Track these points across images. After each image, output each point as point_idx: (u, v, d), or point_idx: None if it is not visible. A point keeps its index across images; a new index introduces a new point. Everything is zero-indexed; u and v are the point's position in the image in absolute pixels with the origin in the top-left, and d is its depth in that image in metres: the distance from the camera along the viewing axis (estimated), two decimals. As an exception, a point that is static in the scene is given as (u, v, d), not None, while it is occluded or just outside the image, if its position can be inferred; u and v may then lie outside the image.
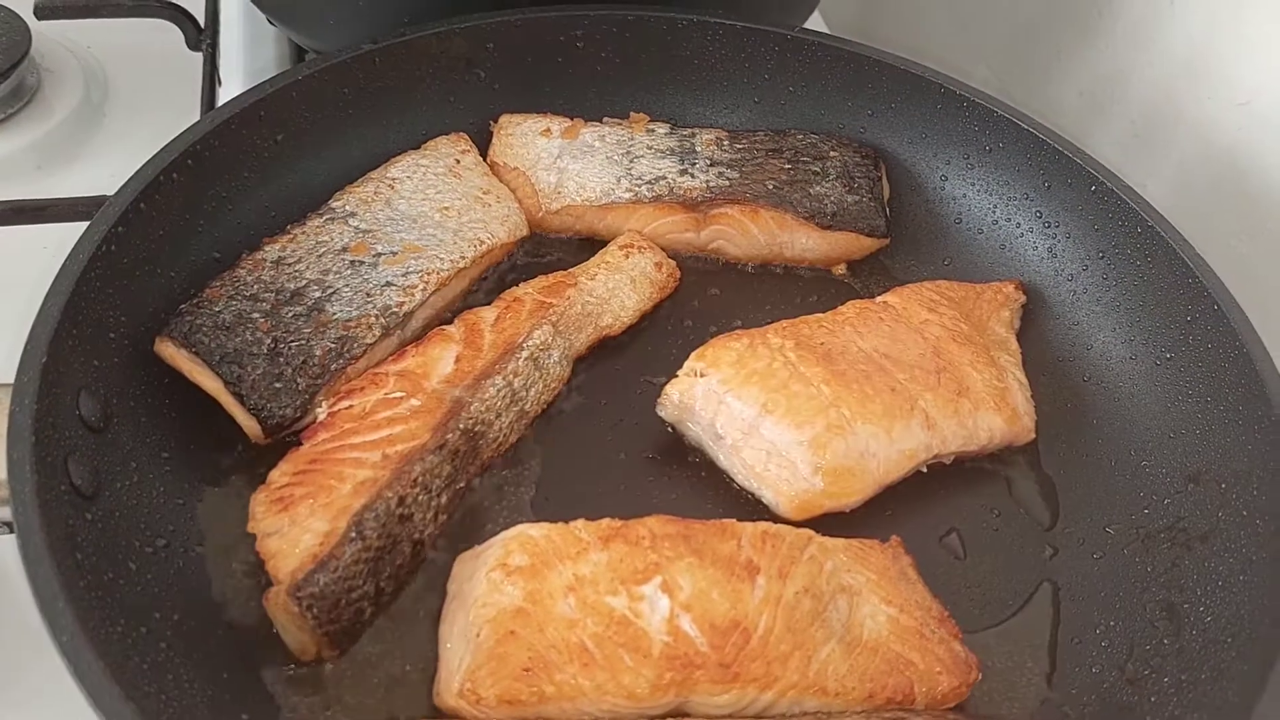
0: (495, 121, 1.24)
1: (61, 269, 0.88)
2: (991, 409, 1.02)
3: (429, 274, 1.05)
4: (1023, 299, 1.16)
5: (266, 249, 1.02)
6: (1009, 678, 0.92)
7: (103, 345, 0.90)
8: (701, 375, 0.99)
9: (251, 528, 0.86)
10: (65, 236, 0.93)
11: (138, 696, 0.70)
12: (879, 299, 1.09)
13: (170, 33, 1.48)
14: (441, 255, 1.07)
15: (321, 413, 0.93)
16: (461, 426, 0.93)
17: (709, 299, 1.18)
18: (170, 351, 0.93)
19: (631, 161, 1.20)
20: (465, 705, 0.79)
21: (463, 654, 0.82)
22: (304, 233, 1.04)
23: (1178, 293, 1.07)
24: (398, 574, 0.88)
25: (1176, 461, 1.02)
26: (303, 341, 0.96)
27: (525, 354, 1.00)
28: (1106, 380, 1.10)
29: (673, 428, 1.03)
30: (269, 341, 0.95)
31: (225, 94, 1.40)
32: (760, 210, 1.16)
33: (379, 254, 1.04)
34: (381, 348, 1.00)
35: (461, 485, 0.94)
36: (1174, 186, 1.39)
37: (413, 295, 1.02)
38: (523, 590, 0.83)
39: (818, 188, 1.18)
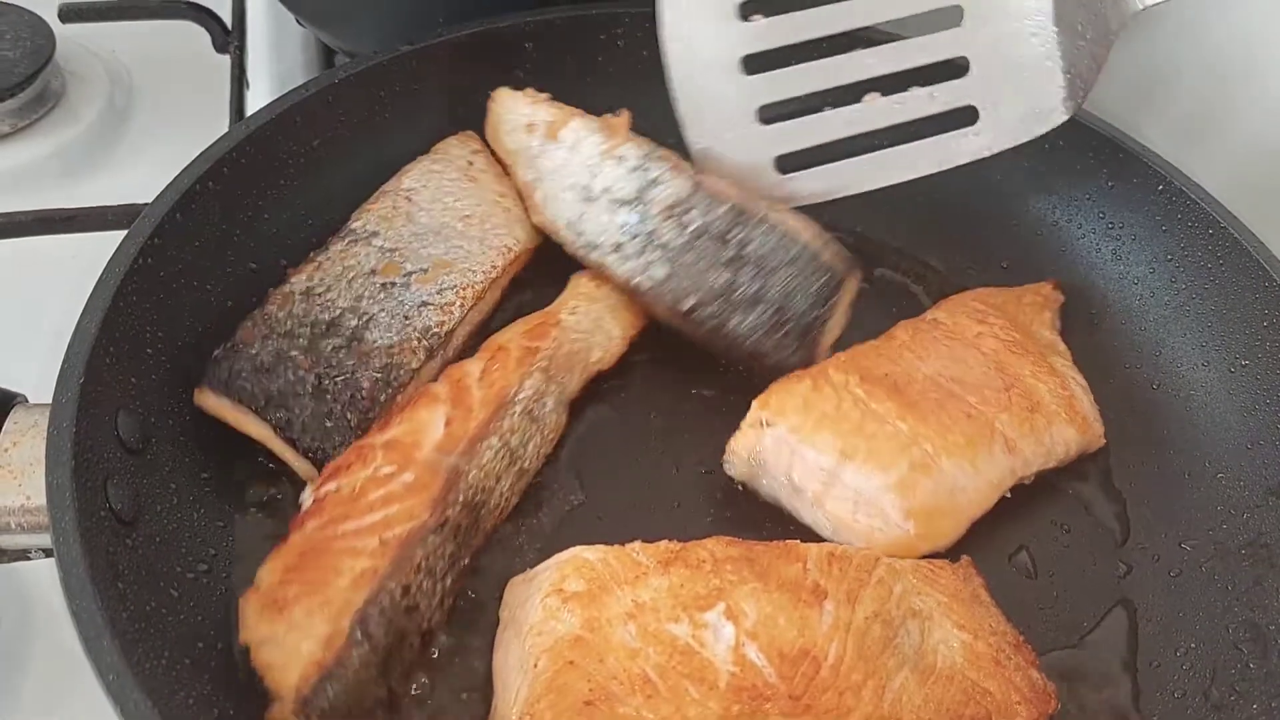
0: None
1: (98, 283, 0.84)
2: (1064, 420, 0.98)
3: (464, 289, 1.00)
4: (1061, 299, 1.12)
5: (293, 281, 0.96)
6: (1086, 702, 0.88)
7: (140, 363, 0.87)
8: (768, 425, 0.92)
9: (243, 638, 0.77)
10: (94, 247, 0.91)
11: (185, 736, 0.67)
12: (927, 316, 1.04)
13: (196, 35, 1.46)
14: (473, 268, 1.02)
15: (306, 498, 0.86)
16: (461, 499, 0.86)
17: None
18: (212, 402, 0.88)
19: (587, 202, 1.03)
20: None
21: (519, 685, 0.78)
22: (328, 259, 0.99)
23: (1252, 296, 1.02)
24: (409, 671, 0.82)
25: (1255, 474, 0.97)
26: (347, 375, 0.91)
27: (519, 408, 0.93)
28: (1177, 389, 1.06)
29: (743, 485, 0.96)
30: (312, 379, 0.90)
31: (253, 97, 1.37)
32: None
33: (409, 273, 1.00)
34: (426, 371, 0.95)
35: (465, 563, 0.87)
36: (1226, 184, 1.34)
37: (452, 313, 0.98)
38: (580, 617, 0.79)
39: (740, 318, 0.97)
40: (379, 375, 0.92)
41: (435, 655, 0.85)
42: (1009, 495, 0.96)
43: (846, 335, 1.03)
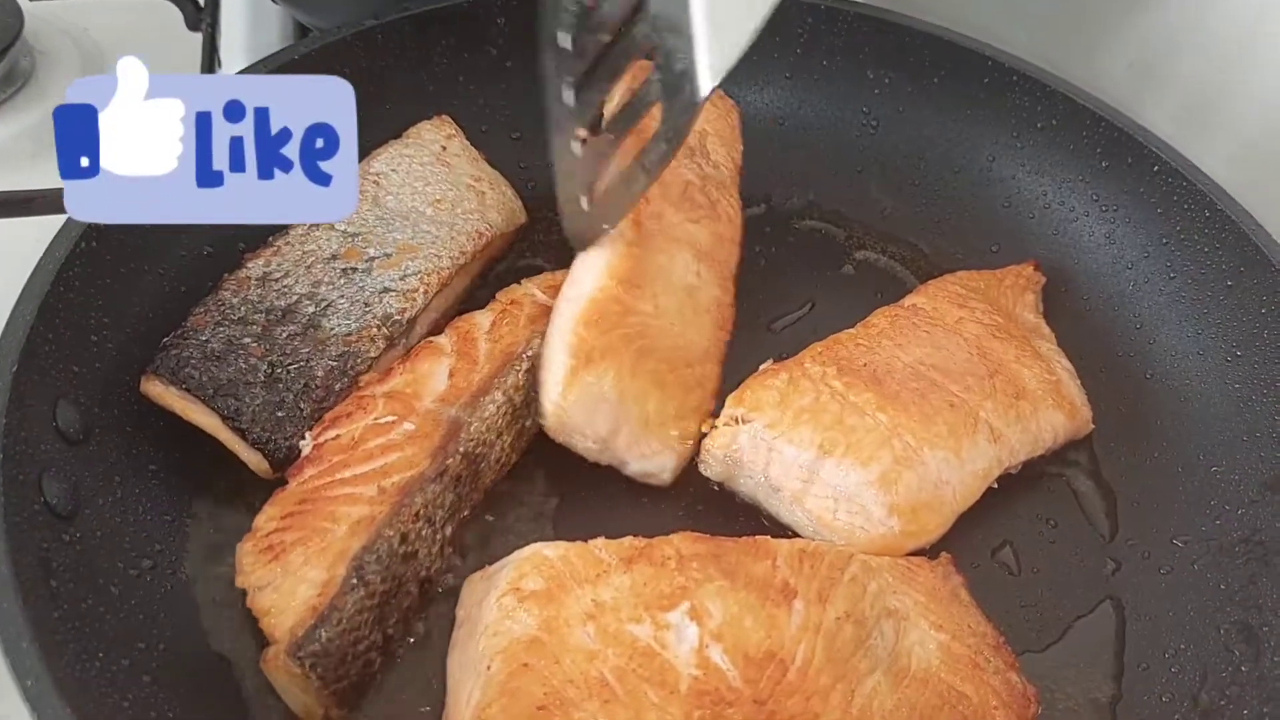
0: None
1: (36, 267, 0.81)
2: (1051, 406, 0.94)
3: (429, 274, 0.96)
4: (1043, 280, 1.08)
5: (249, 265, 0.93)
6: (1068, 705, 0.84)
7: (83, 350, 0.83)
8: (744, 422, 0.89)
9: (240, 582, 0.78)
10: (52, 231, 0.87)
11: (114, 741, 0.63)
12: (906, 302, 1.00)
13: (169, 12, 1.41)
14: (439, 253, 0.99)
15: (306, 445, 0.84)
16: (462, 450, 0.84)
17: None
18: (158, 390, 0.85)
19: None
20: None
21: (472, 688, 0.75)
22: (287, 243, 0.95)
23: (1250, 282, 0.98)
24: (406, 618, 0.80)
25: (1251, 467, 0.93)
26: (302, 363, 0.88)
27: (526, 365, 0.90)
28: (1171, 378, 1.02)
29: (720, 486, 0.93)
30: (265, 367, 0.87)
31: (226, 76, 1.33)
32: None
33: (372, 258, 0.96)
34: (385, 360, 0.92)
35: (465, 514, 0.86)
36: (1228, 165, 1.29)
37: (414, 300, 0.94)
38: (537, 618, 0.75)
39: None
40: (335, 364, 0.89)
41: (433, 604, 0.84)
42: (995, 486, 0.92)
43: (827, 322, 0.99)
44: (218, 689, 0.77)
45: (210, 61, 1.35)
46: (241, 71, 1.03)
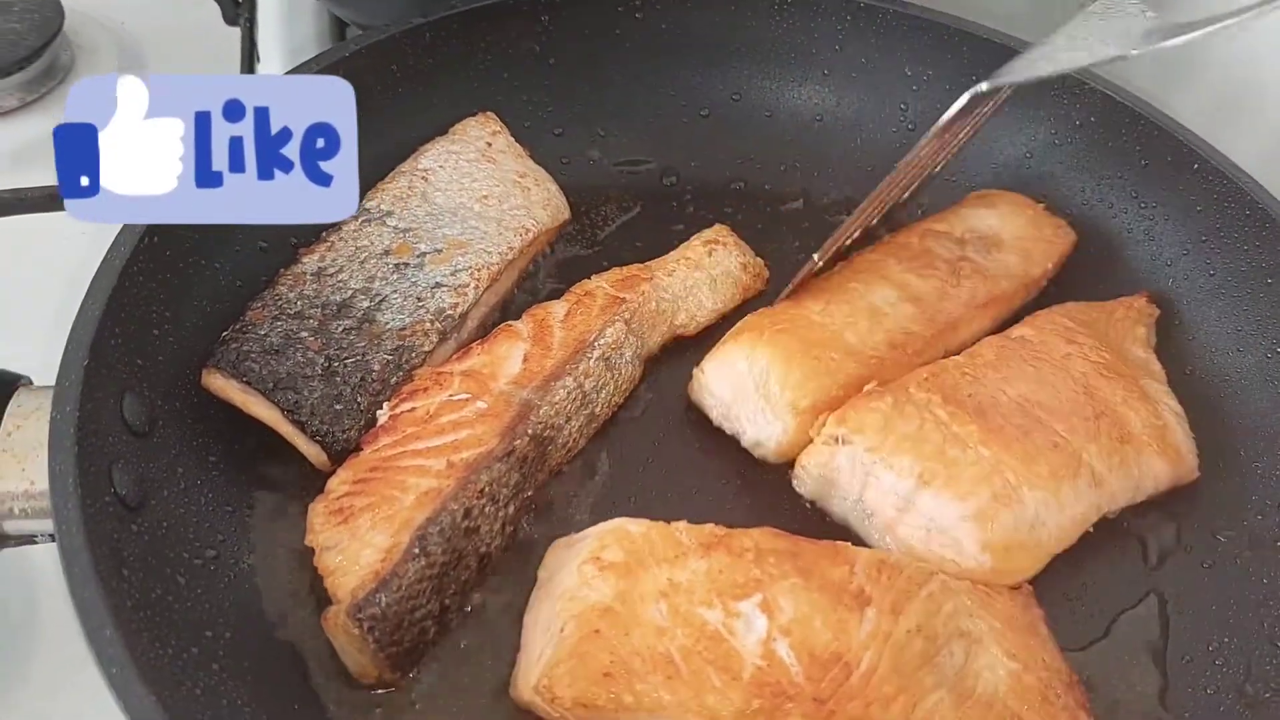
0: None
1: (103, 263, 0.82)
2: (1155, 453, 0.92)
3: (479, 270, 0.98)
4: (1156, 312, 1.06)
5: (305, 261, 0.95)
6: (1112, 697, 0.85)
7: (147, 344, 0.85)
8: (844, 442, 0.88)
9: (309, 541, 0.80)
10: (103, 225, 0.87)
11: (192, 727, 0.65)
12: (1014, 333, 0.99)
13: (207, 7, 1.42)
14: (488, 249, 1.00)
15: (383, 415, 0.87)
16: (530, 432, 0.87)
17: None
18: (219, 383, 0.87)
19: None
20: (540, 702, 0.75)
21: (544, 647, 0.77)
22: (341, 239, 0.97)
23: (1290, 279, 0.99)
24: (463, 590, 0.83)
25: (1293, 463, 0.94)
26: (358, 357, 0.89)
27: (597, 353, 0.93)
28: (1212, 374, 1.03)
29: (812, 504, 0.93)
30: (322, 361, 0.88)
31: (264, 70, 1.34)
32: None
33: (423, 254, 0.97)
34: (439, 354, 0.94)
35: (529, 494, 0.88)
36: (1258, 162, 1.30)
37: (466, 295, 0.96)
38: (613, 588, 0.78)
39: None
40: (390, 357, 0.90)
41: (492, 579, 0.86)
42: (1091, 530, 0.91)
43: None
44: (284, 675, 0.79)
45: (249, 56, 1.36)
46: (291, 71, 1.03)
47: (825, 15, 1.20)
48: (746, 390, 0.93)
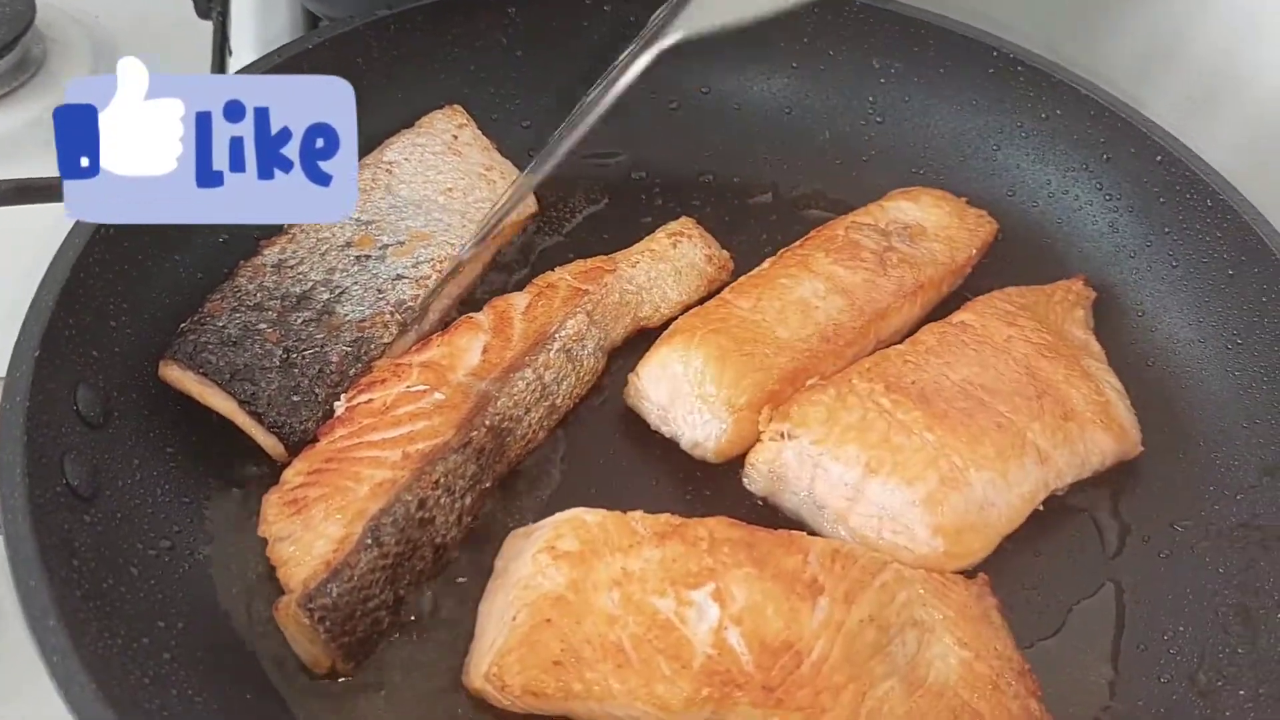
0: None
1: (57, 254, 0.83)
2: (1099, 428, 0.93)
3: (441, 261, 0.98)
4: (1093, 295, 1.07)
5: (265, 253, 0.95)
6: (1068, 685, 0.85)
7: (103, 335, 0.85)
8: (790, 437, 0.89)
9: (262, 531, 0.81)
10: (62, 217, 0.88)
11: (136, 715, 0.65)
12: (954, 319, 1.00)
13: (180, 1, 1.42)
14: (451, 240, 1.00)
15: (339, 407, 0.87)
16: (488, 423, 0.87)
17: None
18: (175, 374, 0.87)
19: None
20: (490, 690, 0.75)
21: (496, 635, 0.78)
22: (302, 231, 0.97)
23: (1250, 270, 0.99)
24: (418, 581, 0.83)
25: (1251, 454, 0.95)
26: (316, 348, 0.90)
27: (557, 345, 0.94)
28: (1172, 366, 1.03)
29: (764, 501, 0.94)
30: (280, 352, 0.88)
31: (236, 64, 1.33)
32: None
33: (385, 245, 0.98)
34: (399, 345, 0.94)
35: (487, 485, 0.88)
36: (1231, 155, 1.30)
37: (427, 286, 0.96)
38: (567, 577, 0.78)
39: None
40: (349, 349, 0.90)
41: (448, 570, 0.86)
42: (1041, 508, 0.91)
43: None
44: (238, 665, 0.79)
45: (221, 50, 1.36)
46: (254, 63, 1.04)
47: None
48: (683, 392, 0.92)
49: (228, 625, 0.81)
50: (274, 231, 0.97)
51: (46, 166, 1.18)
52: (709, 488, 0.94)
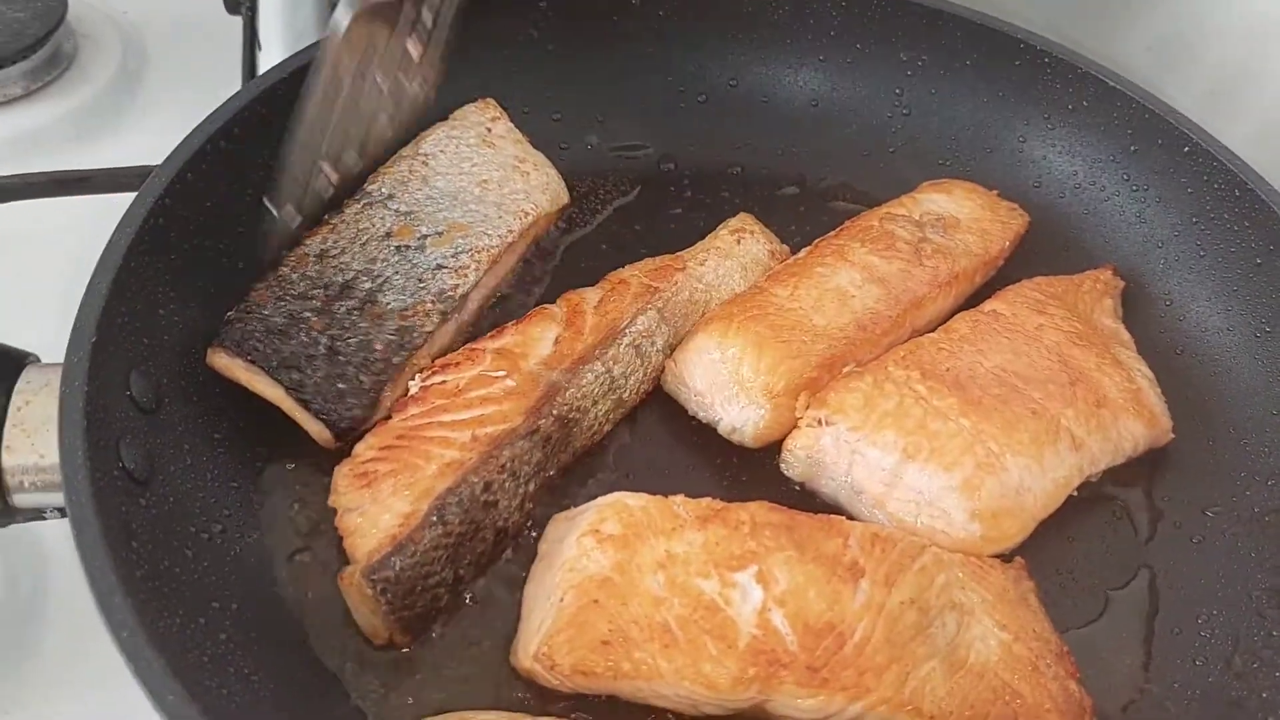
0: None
1: (109, 243, 0.84)
2: (1131, 415, 0.94)
3: (479, 251, 0.99)
4: (1121, 284, 1.08)
5: (307, 243, 0.96)
6: (1103, 668, 0.87)
7: (153, 322, 0.86)
8: (827, 424, 0.90)
9: (333, 502, 0.83)
10: (107, 208, 0.89)
11: (199, 693, 0.66)
12: (986, 308, 1.01)
13: (209, -4, 1.44)
14: (489, 231, 1.02)
15: (414, 386, 0.89)
16: (556, 412, 0.88)
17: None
18: (224, 362, 0.88)
19: None
20: (540, 670, 0.76)
21: (544, 617, 0.79)
22: (343, 221, 0.98)
23: (1279, 260, 1.00)
24: (478, 561, 0.84)
25: (1280, 440, 0.96)
26: (361, 337, 0.91)
27: (628, 339, 0.95)
28: (1202, 353, 1.04)
29: (801, 487, 0.95)
30: (325, 340, 0.90)
31: (265, 59, 1.35)
32: None
33: (424, 236, 0.99)
34: (440, 334, 0.95)
35: (551, 473, 0.90)
36: (1250, 146, 1.31)
37: (466, 276, 0.97)
38: (612, 559, 0.79)
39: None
40: (393, 338, 0.92)
41: (508, 556, 0.88)
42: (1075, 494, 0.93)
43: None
44: (290, 646, 0.80)
45: (250, 45, 1.37)
46: (290, 58, 1.04)
47: (821, 1, 1.21)
48: (720, 378, 0.94)
49: (280, 606, 0.82)
50: (315, 222, 0.99)
51: (78, 160, 1.21)
52: (746, 473, 0.95)
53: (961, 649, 0.80)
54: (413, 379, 0.90)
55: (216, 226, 0.95)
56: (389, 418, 0.87)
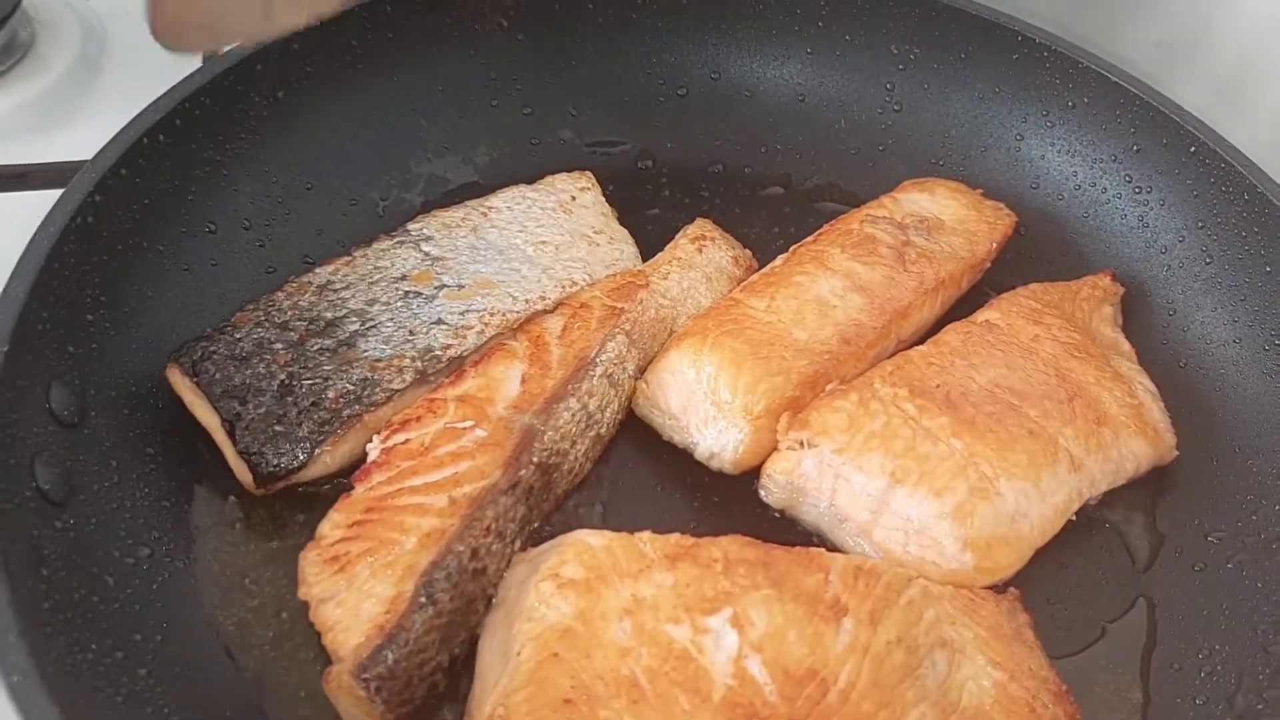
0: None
1: (29, 245, 0.78)
2: (1133, 432, 0.89)
3: (492, 314, 0.91)
4: (1120, 290, 1.03)
5: (317, 271, 0.91)
6: (1096, 706, 0.81)
7: (78, 330, 0.81)
8: (809, 446, 0.84)
9: (302, 594, 0.75)
10: (46, 206, 0.84)
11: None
12: (979, 318, 0.96)
13: (171, -18, 1.38)
14: (515, 294, 0.93)
15: (374, 449, 0.81)
16: (535, 460, 0.81)
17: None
18: (175, 378, 0.84)
19: None
20: None
21: (500, 673, 0.72)
22: (364, 256, 0.92)
23: (1290, 267, 0.95)
24: (473, 637, 0.77)
25: (1290, 461, 0.90)
26: (319, 380, 0.85)
27: (599, 370, 0.88)
28: (1207, 367, 0.99)
29: (781, 514, 0.89)
30: (283, 376, 0.84)
31: (227, 50, 1.29)
32: None
33: (442, 286, 0.92)
34: (410, 396, 0.87)
35: (535, 526, 0.83)
36: (1259, 147, 1.26)
37: (464, 338, 0.89)
38: (574, 607, 0.73)
39: None
40: (352, 388, 0.85)
41: None
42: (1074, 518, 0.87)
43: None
44: (220, 681, 0.75)
45: (214, 33, 1.32)
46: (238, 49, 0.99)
47: (809, -10, 1.15)
48: (696, 399, 0.88)
49: (211, 638, 0.77)
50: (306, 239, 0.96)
51: (31, 153, 1.16)
52: (720, 499, 0.90)
53: (953, 691, 0.74)
54: (370, 441, 0.82)
55: (155, 226, 0.89)
56: (351, 488, 0.79)
